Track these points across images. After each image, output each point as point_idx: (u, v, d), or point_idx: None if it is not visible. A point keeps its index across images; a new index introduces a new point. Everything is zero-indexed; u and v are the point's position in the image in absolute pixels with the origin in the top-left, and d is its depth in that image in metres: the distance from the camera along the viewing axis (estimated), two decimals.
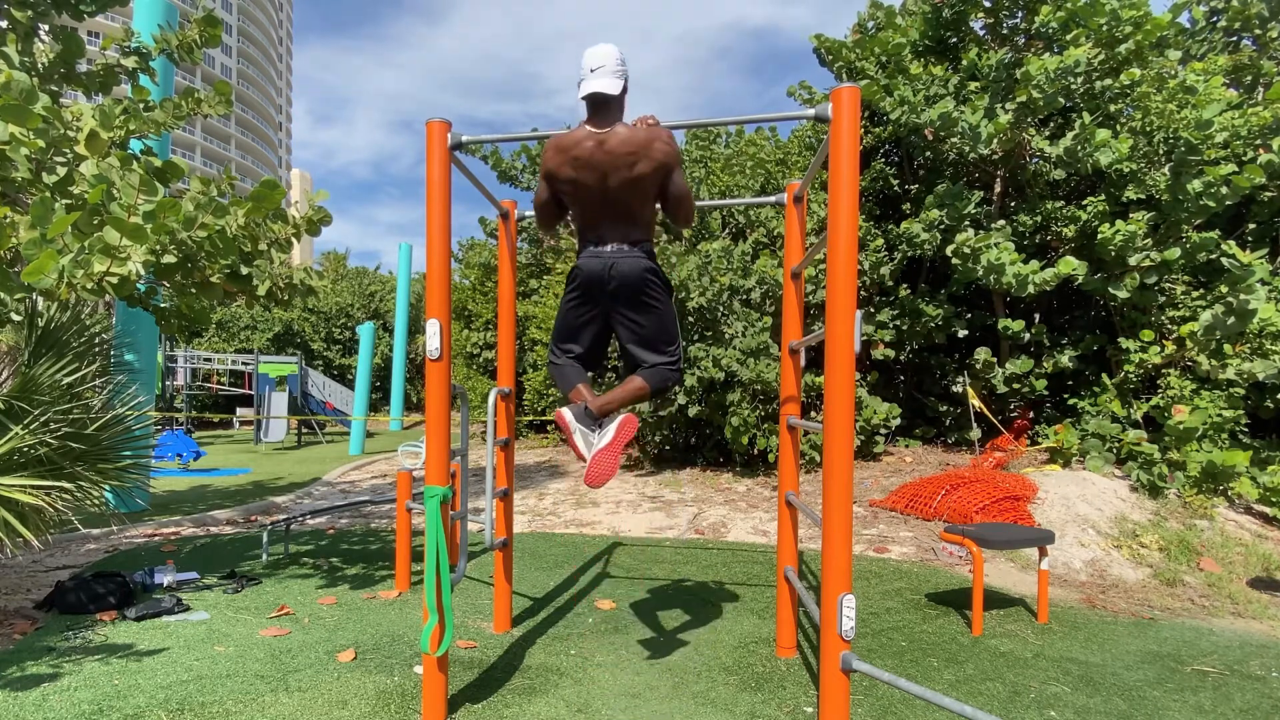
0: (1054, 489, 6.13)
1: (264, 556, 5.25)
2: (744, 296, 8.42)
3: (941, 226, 8.12)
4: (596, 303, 2.91)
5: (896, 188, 9.36)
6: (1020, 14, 8.22)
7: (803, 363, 3.72)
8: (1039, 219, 7.99)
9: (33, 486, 3.63)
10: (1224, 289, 6.54)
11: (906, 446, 8.96)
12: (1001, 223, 7.93)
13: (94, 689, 3.03)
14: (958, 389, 8.76)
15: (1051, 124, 8.07)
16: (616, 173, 2.75)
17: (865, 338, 8.82)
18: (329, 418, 17.09)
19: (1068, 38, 7.36)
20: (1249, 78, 7.75)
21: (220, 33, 5.29)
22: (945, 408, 9.10)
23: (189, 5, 52.90)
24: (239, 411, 18.81)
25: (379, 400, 25.05)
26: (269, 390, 15.93)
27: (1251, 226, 7.28)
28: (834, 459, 2.43)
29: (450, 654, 3.36)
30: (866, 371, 9.14)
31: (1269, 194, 6.96)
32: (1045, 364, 8.01)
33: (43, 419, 3.79)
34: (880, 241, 8.73)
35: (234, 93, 5.26)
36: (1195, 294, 7.08)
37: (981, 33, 8.65)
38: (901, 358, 9.39)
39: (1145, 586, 4.71)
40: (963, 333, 8.77)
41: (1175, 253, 6.84)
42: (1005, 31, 8.45)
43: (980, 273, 7.43)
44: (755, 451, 8.42)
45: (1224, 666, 3.43)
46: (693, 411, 8.15)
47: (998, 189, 8.61)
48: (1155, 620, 4.10)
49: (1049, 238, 8.21)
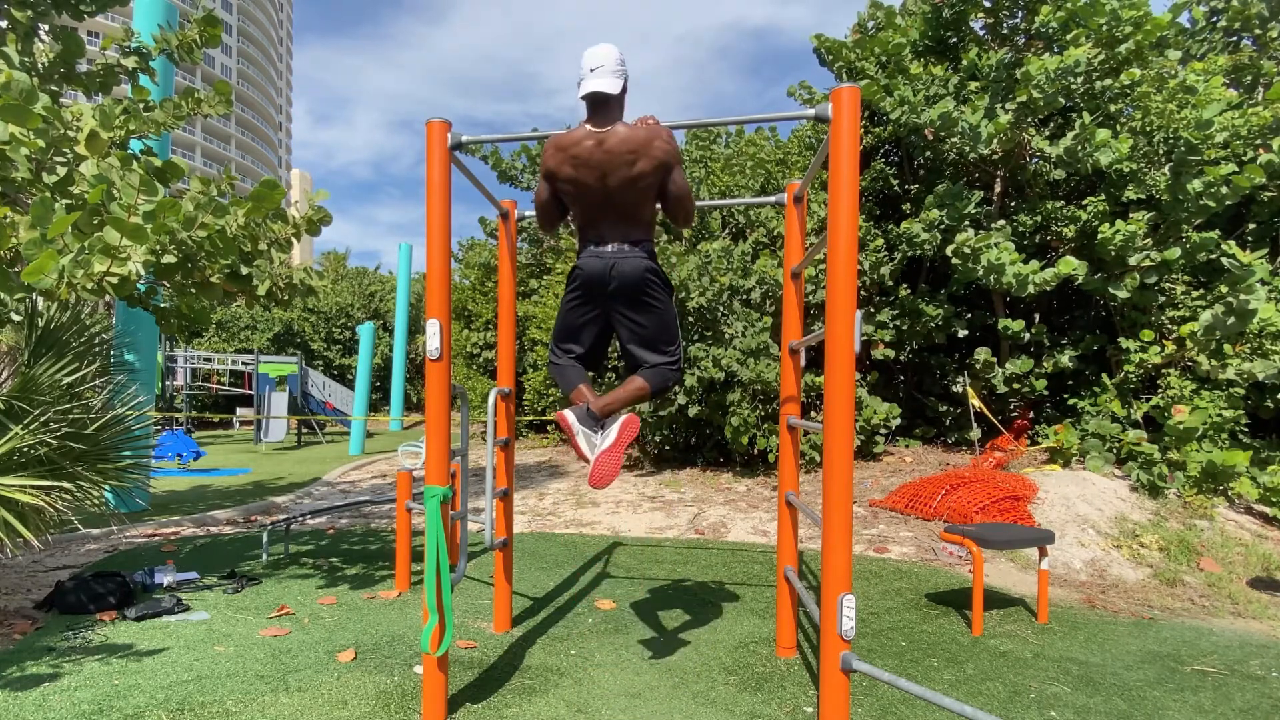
0: (1054, 489, 6.13)
1: (264, 556, 5.25)
2: (744, 296, 8.42)
3: (941, 226, 8.12)
4: (597, 303, 2.91)
5: (896, 188, 9.36)
6: (1020, 14, 8.22)
7: (803, 363, 3.72)
8: (1039, 219, 8.00)
9: (33, 486, 3.63)
10: (1224, 289, 6.54)
11: (906, 446, 8.96)
12: (1001, 223, 7.94)
13: (94, 689, 3.03)
14: (958, 389, 8.76)
15: (1051, 124, 8.07)
16: (616, 172, 2.75)
17: (865, 338, 8.82)
18: (329, 418, 17.09)
19: (1068, 38, 7.36)
20: (1249, 78, 7.75)
21: (220, 33, 5.29)
22: (945, 408, 9.10)
23: (189, 5, 52.90)
24: (239, 411, 18.81)
25: (379, 400, 25.05)
26: (269, 390, 15.93)
27: (1251, 226, 7.28)
28: (834, 459, 2.43)
29: (450, 654, 3.36)
30: (866, 371, 9.14)
31: (1269, 194, 6.96)
32: (1045, 364, 8.01)
33: (43, 419, 3.79)
34: (880, 241, 8.73)
35: (234, 93, 5.26)
36: (1195, 294, 7.08)
37: (981, 33, 8.65)
38: (901, 358, 9.39)
39: (1145, 586, 4.71)
40: (963, 333, 8.77)
41: (1175, 253, 6.84)
42: (1005, 31, 8.45)
43: (980, 273, 7.43)
44: (755, 451, 8.42)
45: (1224, 666, 3.43)
46: (693, 411, 8.15)
47: (998, 189, 8.61)
48: (1155, 620, 4.10)
49: (1049, 238, 8.21)
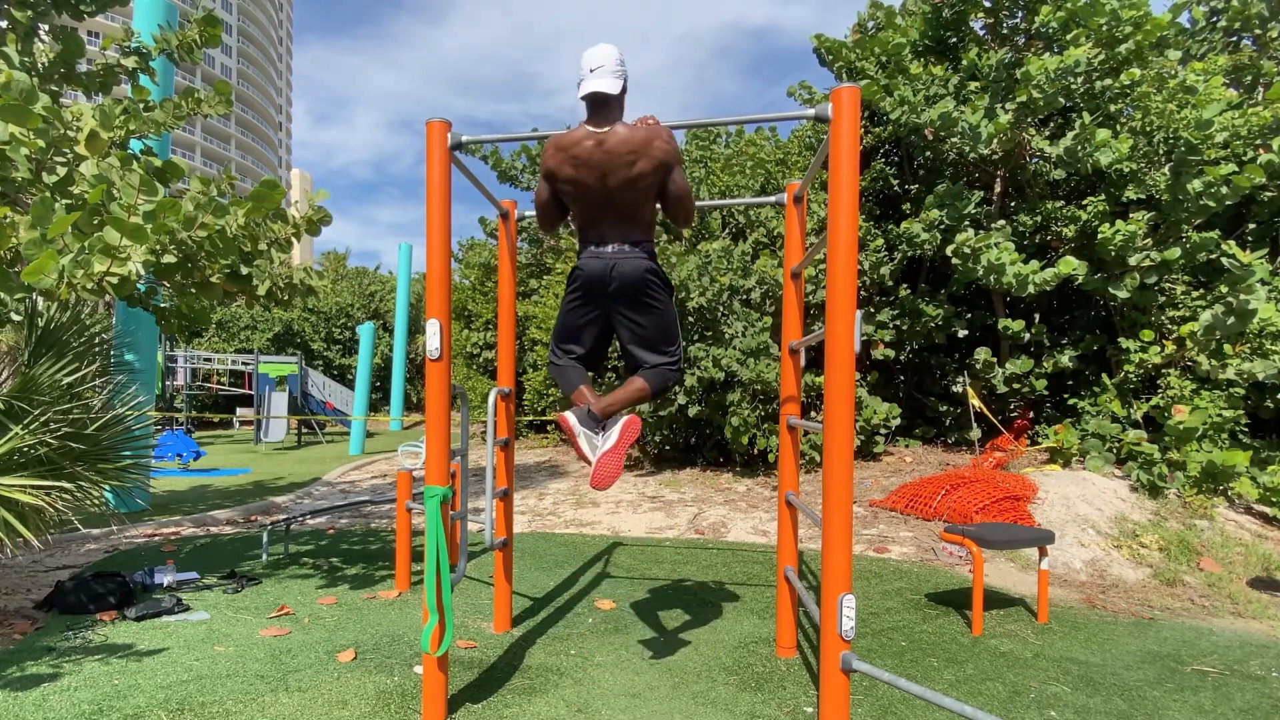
0: (1054, 489, 6.13)
1: (264, 556, 5.25)
2: (744, 296, 8.42)
3: (941, 226, 8.12)
4: (597, 303, 2.91)
5: (896, 188, 9.36)
6: (1020, 14, 8.22)
7: (803, 363, 3.72)
8: (1039, 219, 7.99)
9: (33, 486, 3.63)
10: (1224, 289, 6.54)
11: (906, 446, 8.96)
12: (1001, 223, 7.94)
13: (94, 689, 3.03)
14: (958, 389, 8.76)
15: (1051, 124, 8.07)
16: (616, 172, 2.75)
17: (865, 338, 8.82)
18: (329, 418, 17.09)
19: (1068, 38, 7.36)
20: (1249, 78, 7.75)
21: (220, 33, 5.29)
22: (945, 408, 9.10)
23: (189, 5, 52.90)
24: (239, 411, 18.81)
25: (379, 400, 25.05)
26: (269, 390, 15.93)
27: (1251, 226, 7.28)
28: (834, 459, 2.43)
29: (450, 654, 3.36)
30: (866, 371, 9.14)
31: (1269, 194, 6.96)
32: (1045, 364, 8.01)
33: (43, 419, 3.79)
34: (880, 241, 8.73)
35: (234, 93, 5.26)
36: (1195, 294, 7.08)
37: (981, 33, 8.65)
38: (901, 358, 9.39)
39: (1145, 586, 4.71)
40: (963, 333, 8.77)
41: (1175, 253, 6.84)
42: (1005, 31, 8.45)
43: (980, 273, 7.43)
44: (755, 451, 8.42)
45: (1224, 666, 3.43)
46: (693, 411, 8.15)
47: (998, 189, 8.61)
48: (1155, 620, 4.10)
49: (1049, 238, 8.21)
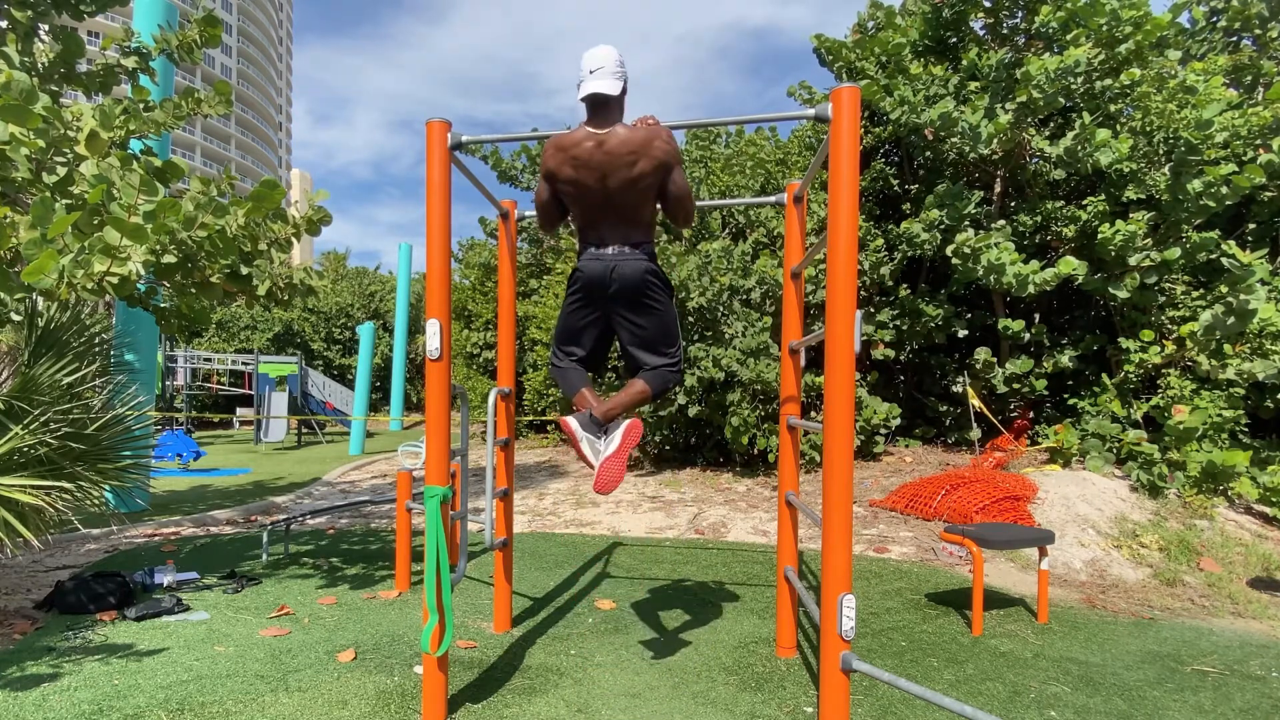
0: (1054, 489, 6.13)
1: (264, 556, 5.25)
2: (744, 296, 8.42)
3: (941, 226, 8.12)
4: (598, 305, 2.91)
5: (896, 188, 9.36)
6: (1020, 14, 8.22)
7: (803, 363, 3.72)
8: (1039, 219, 7.99)
9: (33, 486, 3.63)
10: (1224, 289, 6.54)
11: (906, 446, 8.96)
12: (1001, 223, 7.94)
13: (94, 689, 3.03)
14: (958, 389, 8.76)
15: (1051, 124, 8.07)
16: (616, 173, 2.75)
17: (865, 338, 8.82)
18: (329, 418, 17.09)
19: (1068, 38, 7.36)
20: (1249, 78, 7.75)
21: (220, 33, 5.29)
22: (945, 408, 9.10)
23: (189, 5, 52.90)
24: (239, 411, 18.81)
25: (379, 400, 25.05)
26: (269, 390, 15.93)
27: (1251, 226, 7.28)
28: (834, 459, 2.43)
29: (450, 654, 3.36)
30: (866, 371, 9.14)
31: (1269, 194, 6.96)
32: (1045, 364, 8.01)
33: (43, 419, 3.79)
34: (880, 241, 8.73)
35: (234, 93, 5.26)
36: (1195, 294, 7.08)
37: (981, 33, 8.65)
38: (901, 358, 9.39)
39: (1145, 586, 4.71)
40: (963, 333, 8.77)
41: (1175, 253, 6.84)
42: (1005, 31, 8.45)
43: (980, 273, 7.43)
44: (755, 451, 8.42)
45: (1224, 666, 3.43)
46: (693, 411, 8.15)
47: (998, 189, 8.61)
48: (1155, 620, 4.10)
49: (1049, 238, 8.21)
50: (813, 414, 8.82)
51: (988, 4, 8.23)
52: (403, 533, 4.60)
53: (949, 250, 7.70)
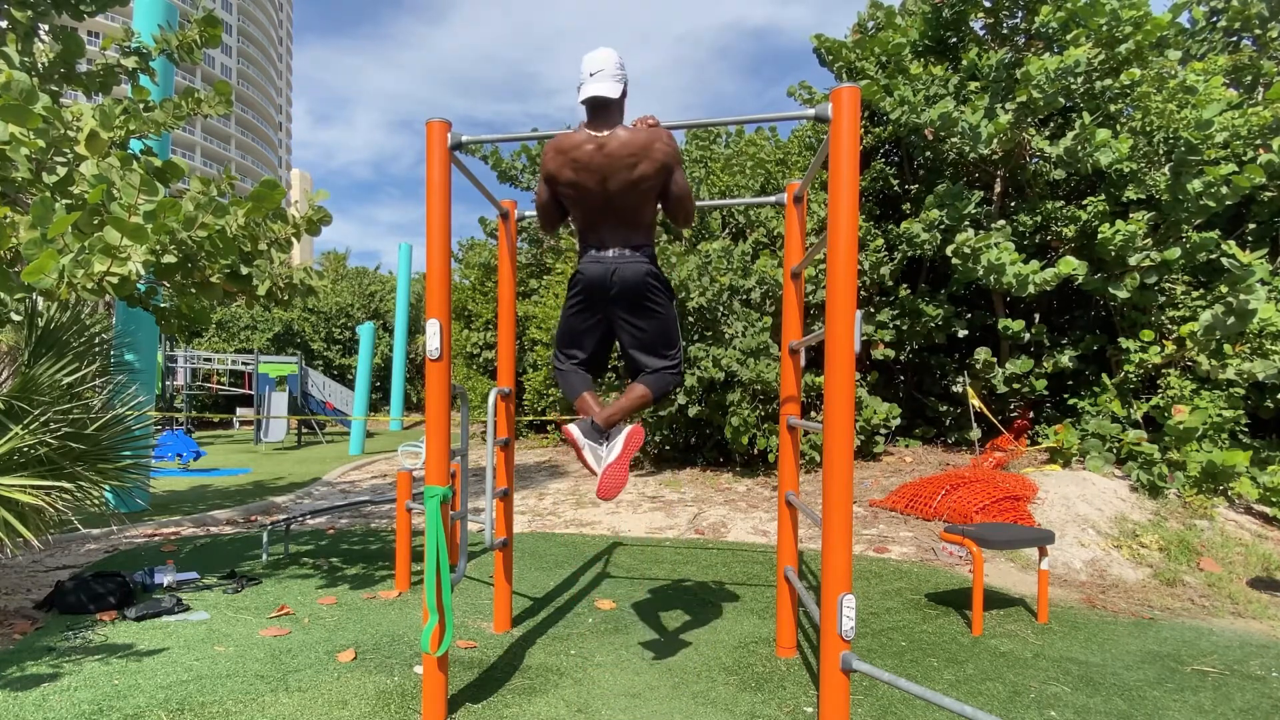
0: (1054, 489, 6.13)
1: (264, 556, 5.25)
2: (744, 296, 8.42)
3: (941, 226, 8.12)
4: (598, 308, 2.92)
5: (896, 188, 9.36)
6: (1020, 14, 8.22)
7: (803, 363, 3.72)
8: (1039, 219, 7.99)
9: (33, 486, 3.63)
10: (1224, 289, 6.54)
11: (906, 446, 8.96)
12: (1001, 223, 7.94)
13: (94, 689, 3.03)
14: (958, 389, 8.76)
15: (1051, 124, 8.07)
16: (617, 175, 2.75)
17: (865, 338, 8.82)
18: (329, 418, 17.09)
19: (1068, 38, 7.36)
20: (1249, 78, 7.75)
21: (220, 33, 5.29)
22: (945, 408, 9.10)
23: (189, 5, 52.90)
24: (239, 411, 18.82)
25: (379, 400, 25.05)
26: (269, 390, 15.93)
27: (1251, 226, 7.28)
28: (834, 459, 2.43)
29: (450, 654, 3.36)
30: (866, 371, 9.14)
31: (1269, 194, 6.96)
32: (1045, 364, 8.01)
33: (43, 419, 3.79)
34: (880, 241, 8.73)
35: (234, 93, 5.26)
36: (1195, 294, 7.08)
37: (981, 33, 8.65)
38: (901, 358, 9.39)
39: (1145, 586, 4.71)
40: (963, 333, 8.77)
41: (1175, 253, 6.84)
42: (1005, 31, 8.45)
43: (980, 273, 7.43)
44: (755, 451, 8.42)
45: (1224, 666, 3.43)
46: (693, 411, 8.15)
47: (998, 189, 8.61)
48: (1155, 620, 4.10)
49: (1049, 238, 8.21)
50: (813, 414, 8.82)
51: (988, 4, 8.23)
52: (403, 533, 4.60)
53: (949, 250, 7.70)
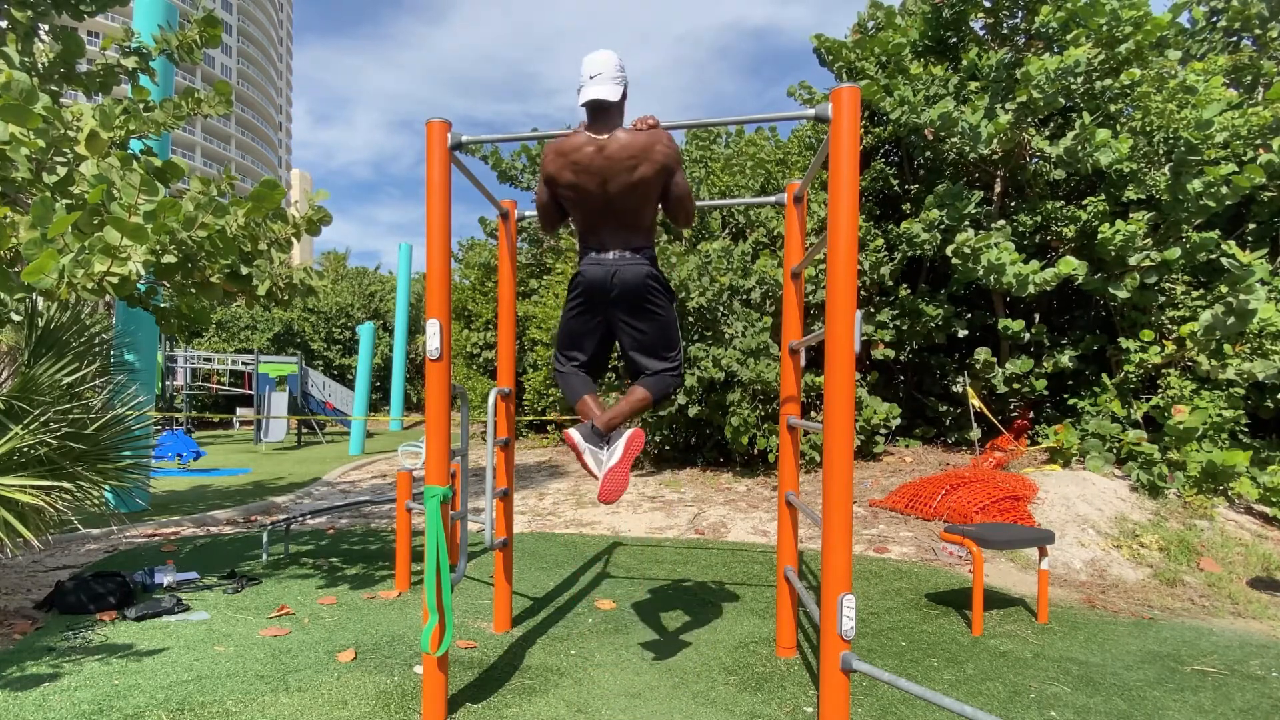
0: (1054, 489, 6.13)
1: (264, 556, 5.25)
2: (744, 296, 8.42)
3: (941, 226, 8.12)
4: (599, 310, 2.92)
5: (896, 188, 9.36)
6: (1020, 14, 8.22)
7: (803, 363, 3.72)
8: (1039, 219, 7.99)
9: (33, 486, 3.63)
10: (1224, 289, 6.54)
11: (906, 446, 8.96)
12: (1001, 223, 7.94)
13: (94, 689, 3.03)
14: (958, 389, 8.76)
15: (1051, 124, 8.07)
16: (617, 178, 2.75)
17: (865, 338, 8.82)
18: (329, 418, 17.09)
19: (1068, 38, 7.36)
20: (1249, 78, 7.75)
21: (220, 33, 5.29)
22: (945, 408, 9.10)
23: (189, 5, 52.90)
24: (239, 411, 18.82)
25: (379, 400, 25.05)
26: (269, 390, 15.93)
27: (1251, 226, 7.28)
28: (834, 459, 2.43)
29: (450, 654, 3.36)
30: (866, 371, 9.14)
31: (1269, 194, 6.96)
32: (1045, 364, 8.01)
33: (43, 419, 3.79)
34: (880, 241, 8.73)
35: (234, 93, 5.26)
36: (1195, 294, 7.08)
37: (981, 33, 8.65)
38: (901, 358, 9.39)
39: (1145, 586, 4.71)
40: (963, 333, 8.77)
41: (1175, 253, 6.84)
42: (1005, 31, 8.45)
43: (980, 273, 7.43)
44: (755, 451, 8.42)
45: (1224, 666, 3.43)
46: (693, 411, 8.15)
47: (998, 189, 8.61)
48: (1155, 620, 4.10)
49: (1049, 238, 8.21)
50: (813, 414, 8.82)
51: (988, 4, 8.23)
52: (403, 533, 4.60)
53: (949, 250, 7.70)
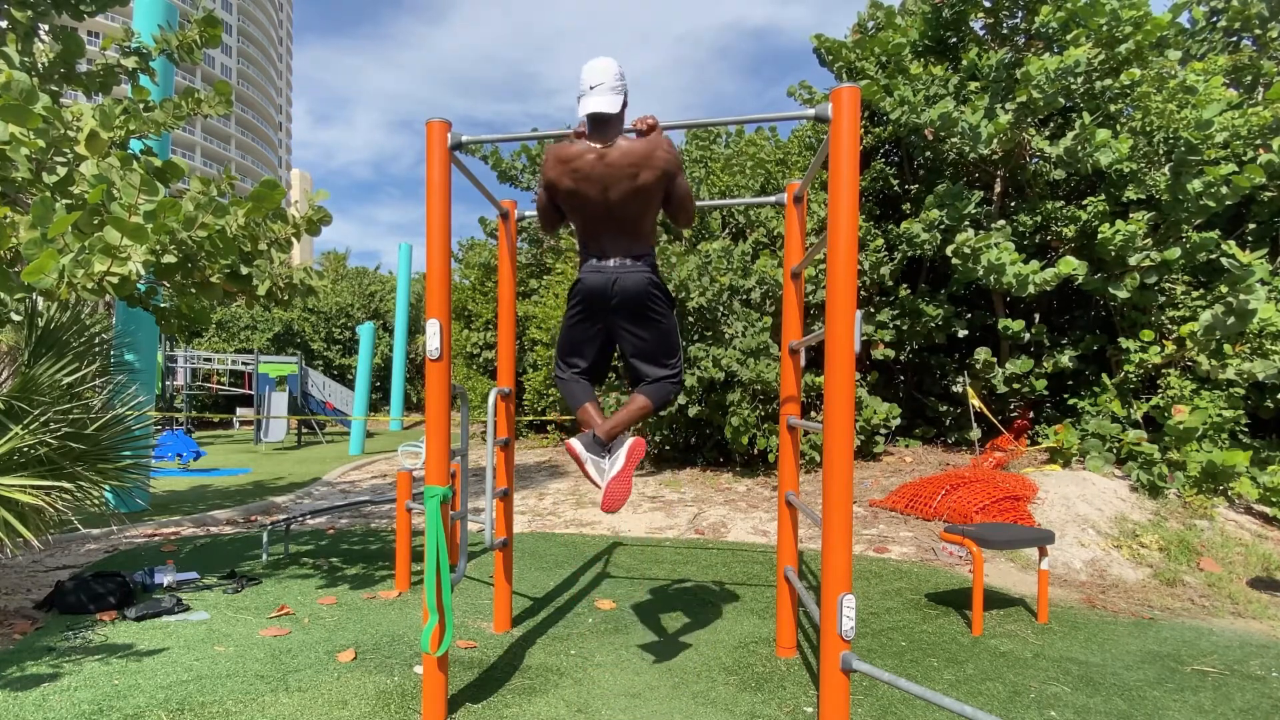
0: (1054, 489, 6.13)
1: (264, 556, 5.25)
2: (744, 296, 8.42)
3: (941, 226, 8.12)
4: (599, 317, 2.93)
5: (896, 188, 9.36)
6: (1020, 14, 8.22)
7: (803, 363, 3.73)
8: (1039, 219, 8.00)
9: (33, 486, 3.63)
10: (1224, 289, 6.54)
11: (906, 446, 8.96)
12: (1001, 223, 7.94)
13: (94, 689, 3.03)
14: (958, 389, 8.76)
15: (1051, 124, 8.07)
16: (618, 185, 2.75)
17: (865, 338, 8.82)
18: (329, 418, 17.09)
19: (1068, 38, 7.36)
20: (1249, 78, 7.75)
21: (220, 33, 5.29)
22: (945, 408, 9.10)
23: (189, 5, 52.90)
24: (239, 411, 18.81)
25: (379, 400, 25.05)
26: (269, 390, 15.93)
27: (1251, 226, 7.28)
28: (834, 459, 2.43)
29: (450, 654, 3.36)
30: (866, 371, 9.14)
31: (1269, 194, 6.96)
32: (1045, 364, 8.01)
33: (43, 419, 3.79)
34: (880, 241, 8.73)
35: (234, 93, 5.26)
36: (1195, 294, 7.08)
37: (981, 33, 8.65)
38: (901, 358, 9.39)
39: (1145, 586, 4.71)
40: (963, 333, 8.77)
41: (1175, 253, 6.84)
42: (1005, 31, 8.45)
43: (980, 273, 7.43)
44: (755, 451, 8.42)
45: (1224, 666, 3.43)
46: (693, 411, 8.15)
47: (998, 189, 8.61)
48: (1155, 620, 4.10)
49: (1049, 238, 8.21)
50: (813, 414, 8.82)
51: (988, 4, 8.23)
52: (403, 533, 4.60)
53: (949, 250, 7.70)
